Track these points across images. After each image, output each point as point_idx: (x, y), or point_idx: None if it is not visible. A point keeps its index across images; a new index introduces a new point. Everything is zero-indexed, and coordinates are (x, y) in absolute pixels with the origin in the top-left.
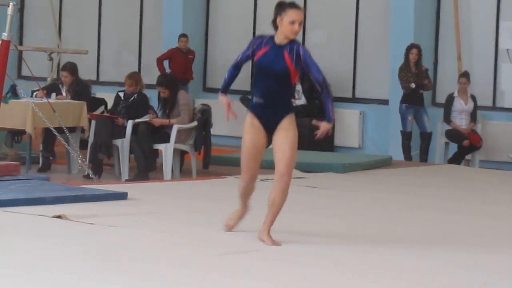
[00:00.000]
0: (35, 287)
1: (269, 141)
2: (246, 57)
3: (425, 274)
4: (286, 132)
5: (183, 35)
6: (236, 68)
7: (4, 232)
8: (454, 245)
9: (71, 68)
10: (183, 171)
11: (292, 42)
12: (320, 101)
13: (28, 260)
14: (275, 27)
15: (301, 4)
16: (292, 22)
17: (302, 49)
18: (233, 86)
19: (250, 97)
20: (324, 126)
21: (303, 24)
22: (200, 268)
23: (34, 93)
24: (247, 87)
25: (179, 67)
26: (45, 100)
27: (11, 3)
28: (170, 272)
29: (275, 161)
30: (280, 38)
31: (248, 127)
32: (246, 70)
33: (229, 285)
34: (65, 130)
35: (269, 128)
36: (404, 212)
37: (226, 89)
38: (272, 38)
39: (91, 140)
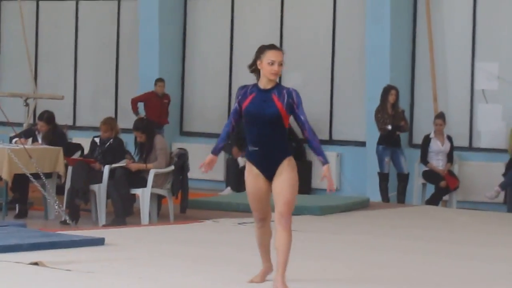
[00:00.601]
0: None
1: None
2: (235, 112)
3: None
4: (283, 175)
5: (160, 80)
6: (229, 126)
7: None
8: (430, 286)
9: (48, 118)
10: (160, 216)
11: (279, 85)
12: (313, 149)
13: None
14: (253, 70)
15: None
16: (272, 63)
17: (294, 92)
18: (208, 129)
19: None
20: (326, 170)
21: None
22: None
23: (14, 140)
24: None
25: (154, 111)
26: (21, 146)
27: None
28: None
29: (274, 203)
30: (263, 83)
31: (247, 175)
32: (222, 113)
33: None
34: (42, 176)
35: (268, 174)
36: (381, 254)
37: (217, 151)
38: (255, 85)
39: (68, 185)
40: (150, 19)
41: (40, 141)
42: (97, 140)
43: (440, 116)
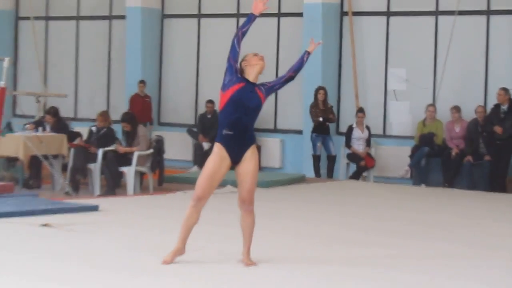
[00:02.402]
0: (32, 277)
1: (232, 167)
2: (235, 61)
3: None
4: (249, 163)
5: (141, 81)
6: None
7: (2, 238)
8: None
9: (53, 112)
10: (142, 188)
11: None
12: (301, 64)
13: (23, 259)
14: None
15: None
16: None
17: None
18: (180, 120)
19: (194, 129)
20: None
21: None
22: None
23: (25, 126)
24: (191, 121)
25: (137, 109)
26: (34, 133)
27: (6, 58)
28: (126, 259)
29: (238, 188)
30: (252, 77)
31: (215, 157)
32: (191, 108)
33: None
34: (50, 157)
35: (235, 157)
36: (310, 216)
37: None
38: (243, 77)
39: (70, 164)
40: (135, 34)
41: (48, 130)
42: (93, 129)
43: (361, 110)
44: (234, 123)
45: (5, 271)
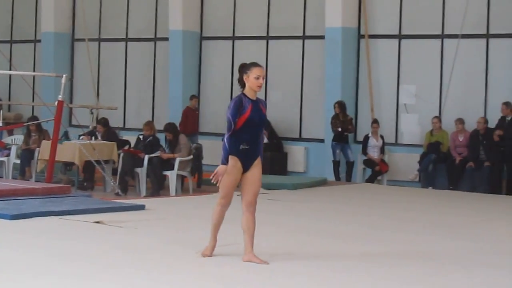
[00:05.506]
0: (90, 268)
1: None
2: (235, 122)
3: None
4: (255, 169)
5: (194, 96)
6: (233, 136)
7: (60, 233)
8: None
9: (104, 122)
10: (183, 190)
11: (258, 98)
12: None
13: (77, 250)
14: (242, 84)
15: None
16: (257, 77)
17: (265, 102)
18: (217, 130)
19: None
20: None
21: (265, 84)
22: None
23: (81, 137)
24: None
25: (190, 121)
26: (87, 141)
27: (64, 75)
28: (170, 253)
29: (244, 192)
30: (251, 94)
31: (232, 169)
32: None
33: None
34: (102, 162)
35: (247, 167)
36: (331, 215)
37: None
38: (245, 96)
39: (119, 168)
40: (177, 54)
41: (100, 138)
42: (140, 137)
43: (376, 121)
44: (250, 139)
45: (65, 258)
